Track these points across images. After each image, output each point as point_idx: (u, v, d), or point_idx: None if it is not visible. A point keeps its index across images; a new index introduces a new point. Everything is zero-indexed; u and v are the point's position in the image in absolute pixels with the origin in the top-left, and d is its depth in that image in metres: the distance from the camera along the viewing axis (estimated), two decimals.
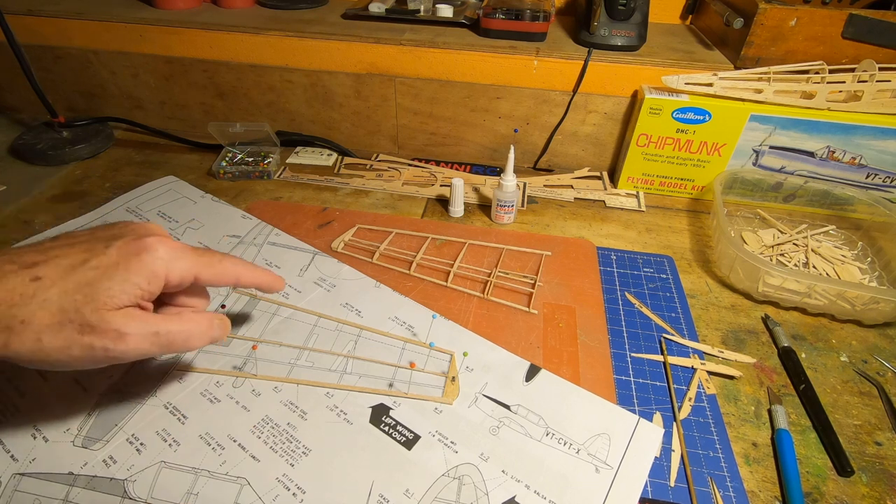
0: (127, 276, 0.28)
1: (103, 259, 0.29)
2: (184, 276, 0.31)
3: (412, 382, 0.41)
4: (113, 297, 0.28)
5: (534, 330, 0.46)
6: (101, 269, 0.28)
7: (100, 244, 0.29)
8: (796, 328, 0.49)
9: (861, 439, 0.40)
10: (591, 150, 0.70)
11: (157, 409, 0.38)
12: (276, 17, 0.72)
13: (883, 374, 0.45)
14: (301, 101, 0.72)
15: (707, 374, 0.44)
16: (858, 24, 0.58)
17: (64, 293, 0.27)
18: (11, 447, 0.35)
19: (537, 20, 0.65)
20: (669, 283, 0.53)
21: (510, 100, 0.67)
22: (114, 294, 0.28)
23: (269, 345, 0.43)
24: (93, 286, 0.27)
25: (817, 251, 0.56)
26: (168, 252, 0.30)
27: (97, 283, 0.28)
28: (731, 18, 0.60)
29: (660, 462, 0.37)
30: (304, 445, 0.36)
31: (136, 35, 0.70)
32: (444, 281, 0.51)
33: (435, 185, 0.67)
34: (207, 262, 0.32)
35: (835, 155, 0.61)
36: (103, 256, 0.29)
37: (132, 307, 0.29)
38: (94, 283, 0.27)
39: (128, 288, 0.28)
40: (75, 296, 0.27)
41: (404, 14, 0.71)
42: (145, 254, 0.29)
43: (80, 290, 0.27)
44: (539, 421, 0.38)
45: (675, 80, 0.59)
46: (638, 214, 0.64)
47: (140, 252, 0.29)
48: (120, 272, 0.28)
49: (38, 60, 0.73)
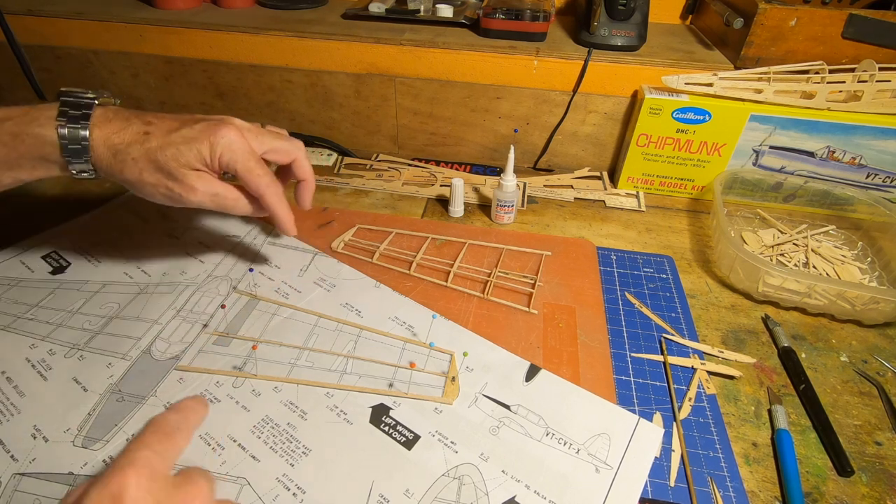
0: (199, 148, 0.37)
1: (188, 132, 0.37)
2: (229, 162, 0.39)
3: (412, 382, 0.41)
4: (189, 161, 0.37)
5: (534, 330, 0.46)
6: (185, 138, 0.37)
7: (191, 121, 0.38)
8: (796, 328, 0.49)
9: (861, 439, 0.40)
10: (591, 150, 0.70)
11: (157, 409, 0.38)
12: (276, 17, 0.72)
13: (883, 374, 0.45)
14: (301, 101, 0.72)
15: (707, 374, 0.44)
16: (858, 24, 0.58)
17: (160, 147, 0.37)
18: (11, 447, 0.35)
19: (537, 20, 0.65)
20: (669, 283, 0.53)
21: (510, 100, 0.67)
22: (188, 158, 0.37)
23: (269, 345, 0.43)
24: (178, 148, 0.37)
25: (817, 251, 0.56)
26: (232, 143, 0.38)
27: (181, 146, 0.37)
28: (731, 18, 0.60)
29: (660, 462, 0.37)
30: (304, 445, 0.36)
31: (136, 35, 0.70)
32: (444, 281, 0.51)
33: (435, 185, 0.67)
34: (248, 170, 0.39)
35: (835, 155, 0.61)
36: (189, 130, 0.38)
37: (204, 171, 0.38)
38: (179, 146, 0.37)
39: (193, 156, 0.37)
40: (167, 150, 0.37)
41: (404, 14, 0.71)
42: (214, 136, 0.38)
43: (169, 147, 0.37)
44: (539, 421, 0.38)
45: (675, 80, 0.59)
46: (638, 214, 0.64)
47: (213, 134, 0.38)
48: (195, 144, 0.37)
49: (38, 60, 0.73)
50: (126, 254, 0.52)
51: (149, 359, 0.42)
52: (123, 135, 0.37)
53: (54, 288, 0.48)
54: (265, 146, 0.41)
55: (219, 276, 0.50)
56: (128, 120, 0.38)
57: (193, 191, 0.38)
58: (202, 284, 0.49)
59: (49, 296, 0.47)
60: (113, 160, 0.37)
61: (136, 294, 0.48)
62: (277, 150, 0.42)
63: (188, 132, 0.37)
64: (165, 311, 0.46)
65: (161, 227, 0.56)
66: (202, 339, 0.44)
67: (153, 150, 0.36)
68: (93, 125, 0.36)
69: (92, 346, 0.42)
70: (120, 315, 0.45)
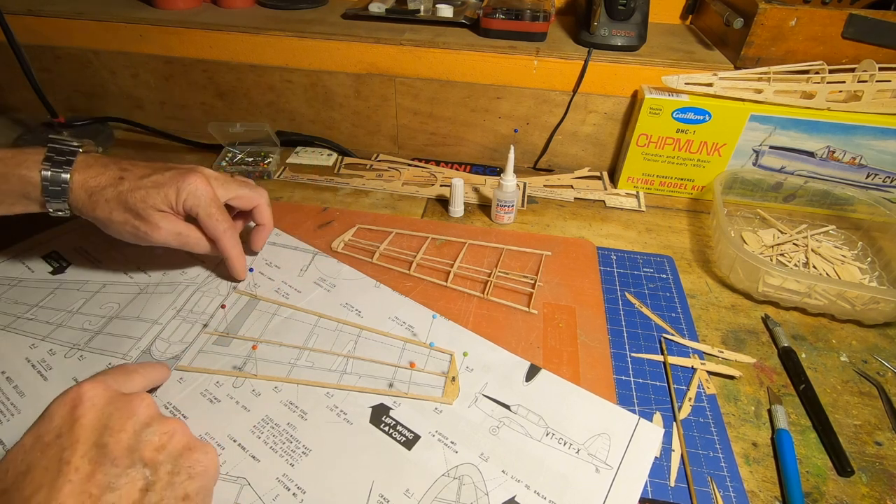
0: (165, 192, 0.41)
1: (158, 178, 0.41)
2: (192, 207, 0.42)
3: (412, 382, 0.41)
4: (155, 203, 0.41)
5: (534, 330, 0.46)
6: (154, 183, 0.41)
7: (163, 169, 0.42)
8: (796, 328, 0.49)
9: (861, 439, 0.40)
10: (591, 150, 0.70)
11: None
12: (276, 17, 0.72)
13: (883, 374, 0.45)
14: (301, 101, 0.72)
15: (707, 374, 0.44)
16: (858, 24, 0.58)
17: (130, 189, 0.40)
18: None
19: (537, 20, 0.65)
20: (669, 283, 0.53)
21: (510, 100, 0.67)
22: (155, 201, 0.41)
23: (269, 345, 0.43)
24: (147, 191, 0.41)
25: (817, 251, 0.56)
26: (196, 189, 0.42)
27: (150, 189, 0.41)
28: (731, 18, 0.60)
29: (660, 462, 0.37)
30: (304, 445, 0.36)
31: (136, 35, 0.70)
32: (444, 281, 0.51)
33: (435, 185, 0.67)
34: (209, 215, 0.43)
35: (835, 155, 0.61)
36: (159, 176, 0.42)
37: (170, 213, 0.42)
38: (148, 189, 0.41)
39: (160, 199, 0.41)
40: (136, 193, 0.40)
41: (404, 14, 0.71)
42: (182, 182, 0.41)
43: (139, 190, 0.41)
44: (539, 421, 0.38)
45: (675, 80, 0.59)
46: (638, 214, 0.64)
47: (180, 181, 0.41)
48: (163, 189, 0.41)
49: (38, 60, 0.73)
50: (126, 254, 0.52)
51: (149, 359, 0.42)
52: (100, 178, 0.41)
53: (54, 288, 0.48)
54: (230, 193, 0.45)
55: (219, 276, 0.50)
56: (106, 166, 0.42)
57: (158, 229, 0.42)
58: (202, 284, 0.49)
59: (49, 296, 0.47)
60: (87, 200, 0.41)
61: (136, 294, 0.48)
62: (241, 198, 0.46)
63: (158, 178, 0.41)
64: (165, 311, 0.46)
65: None
66: (202, 339, 0.44)
67: (124, 193, 0.40)
68: (74, 170, 0.40)
69: (92, 346, 0.42)
70: (120, 315, 0.45)
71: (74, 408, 0.27)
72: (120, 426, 0.28)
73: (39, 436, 0.27)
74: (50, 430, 0.27)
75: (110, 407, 0.28)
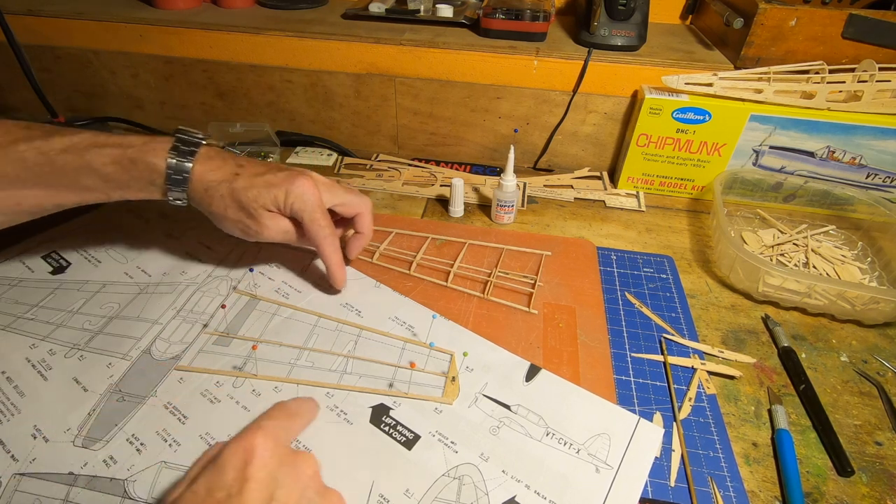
0: (275, 193, 0.42)
1: (271, 178, 0.42)
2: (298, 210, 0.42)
3: (412, 382, 0.41)
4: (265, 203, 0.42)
5: (534, 330, 0.46)
6: (266, 183, 0.42)
7: (276, 169, 0.43)
8: (796, 328, 0.49)
9: (861, 439, 0.40)
10: (591, 150, 0.70)
11: (157, 409, 0.38)
12: (276, 17, 0.72)
13: (883, 374, 0.45)
14: (301, 101, 0.72)
15: (707, 374, 0.44)
16: (858, 24, 0.58)
17: (244, 187, 0.41)
18: (11, 447, 0.35)
19: (537, 20, 0.65)
20: (669, 283, 0.53)
21: (510, 100, 0.67)
22: (265, 201, 0.42)
23: (269, 345, 0.43)
24: (259, 190, 0.41)
25: (817, 251, 0.56)
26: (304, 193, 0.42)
27: (262, 189, 0.41)
28: (731, 18, 0.60)
29: (660, 462, 0.37)
30: (304, 445, 0.36)
31: (136, 35, 0.70)
32: (444, 281, 0.51)
33: (435, 185, 0.67)
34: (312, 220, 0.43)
35: (835, 155, 0.61)
36: (272, 176, 0.42)
37: (277, 213, 0.43)
38: (260, 188, 0.41)
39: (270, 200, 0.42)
40: (249, 192, 0.41)
41: (404, 14, 0.71)
42: (291, 185, 0.42)
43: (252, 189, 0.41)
44: (539, 421, 0.38)
45: (675, 80, 0.59)
46: (638, 214, 0.64)
47: (290, 183, 0.42)
48: (273, 190, 0.42)
49: (38, 60, 0.73)
50: (126, 254, 0.52)
51: (149, 359, 0.42)
52: (217, 173, 0.42)
53: (54, 288, 0.48)
54: (336, 199, 0.45)
55: (219, 276, 0.50)
56: (224, 160, 0.43)
57: (267, 228, 0.43)
58: (202, 284, 0.49)
59: (49, 296, 0.47)
60: (204, 194, 0.42)
61: (136, 294, 0.47)
62: (346, 204, 0.46)
63: (271, 178, 0.42)
64: (165, 311, 0.46)
65: (161, 227, 0.56)
66: (202, 339, 0.44)
67: (238, 190, 0.41)
68: (196, 160, 0.41)
69: (92, 346, 0.42)
70: (120, 315, 0.45)
71: (246, 465, 0.27)
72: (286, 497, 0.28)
73: (211, 489, 0.27)
74: (222, 486, 0.27)
75: (279, 470, 0.28)
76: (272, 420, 0.31)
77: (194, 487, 0.27)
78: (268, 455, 0.28)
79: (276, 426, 0.31)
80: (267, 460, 0.28)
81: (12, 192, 0.39)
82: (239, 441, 0.29)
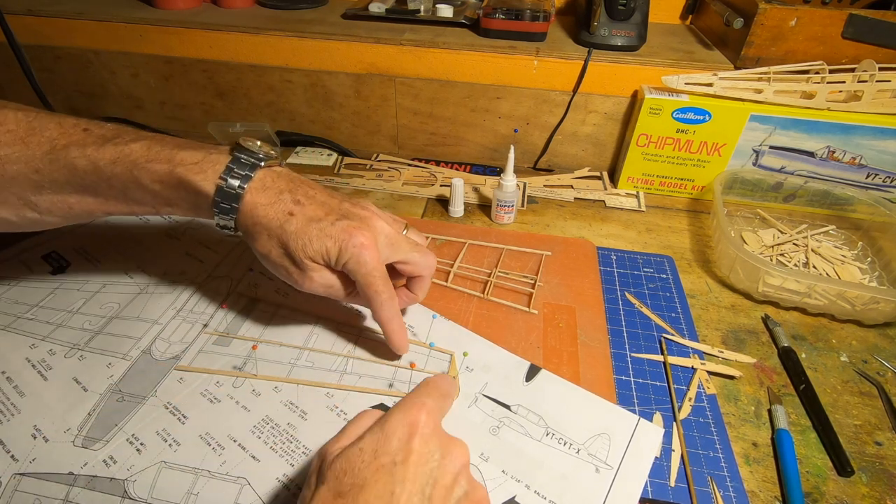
0: (328, 247, 0.37)
1: (327, 228, 0.37)
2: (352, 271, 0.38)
3: (412, 382, 0.41)
4: (313, 255, 0.38)
5: (534, 330, 0.46)
6: (320, 232, 0.37)
7: (335, 214, 0.38)
8: (796, 328, 0.49)
9: (861, 439, 0.40)
10: (591, 150, 0.70)
11: (157, 409, 0.38)
12: (276, 17, 0.72)
13: (883, 374, 0.45)
14: (301, 101, 0.72)
15: (707, 374, 0.44)
16: (858, 24, 0.58)
17: (295, 233, 0.37)
18: (11, 447, 0.35)
19: (537, 20, 0.65)
20: (669, 283, 0.53)
21: (510, 100, 0.67)
22: (314, 253, 0.37)
23: (269, 345, 0.43)
24: (310, 239, 0.37)
25: (817, 251, 0.56)
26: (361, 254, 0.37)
27: (313, 239, 0.37)
28: (731, 18, 0.60)
29: (660, 462, 0.37)
30: (304, 445, 0.36)
31: (136, 35, 0.70)
32: (444, 281, 0.51)
33: (435, 185, 0.67)
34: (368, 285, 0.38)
35: (835, 155, 0.61)
36: (329, 227, 0.37)
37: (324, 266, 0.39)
38: (312, 237, 0.37)
39: (320, 252, 0.37)
40: (299, 240, 0.37)
41: (404, 14, 0.71)
42: (347, 242, 0.37)
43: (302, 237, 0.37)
44: (539, 421, 0.38)
45: (675, 80, 0.59)
46: (638, 214, 0.64)
47: (346, 239, 0.37)
48: (326, 242, 0.37)
49: (38, 60, 0.73)
50: (126, 254, 0.52)
51: (149, 359, 0.42)
52: (269, 210, 0.38)
53: (54, 288, 0.48)
54: (398, 256, 0.41)
55: (219, 276, 0.50)
56: (280, 193, 0.38)
57: (310, 281, 0.39)
58: (202, 284, 0.49)
59: (49, 296, 0.47)
60: (251, 228, 0.38)
61: (136, 294, 0.48)
62: (408, 263, 0.42)
63: (327, 228, 0.37)
64: (165, 311, 0.46)
65: (161, 227, 0.56)
66: (202, 339, 0.44)
67: (287, 234, 0.37)
68: (248, 190, 0.37)
69: (92, 346, 0.42)
70: (120, 315, 0.45)
71: (411, 437, 0.28)
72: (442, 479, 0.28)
73: (377, 453, 0.28)
74: (388, 452, 0.28)
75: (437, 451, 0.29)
76: (431, 398, 0.31)
77: (361, 445, 0.28)
78: (428, 432, 0.29)
79: (434, 404, 0.31)
80: (428, 437, 0.29)
81: (63, 197, 0.38)
82: (405, 413, 0.29)
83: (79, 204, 0.38)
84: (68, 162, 0.36)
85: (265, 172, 0.38)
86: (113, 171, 0.36)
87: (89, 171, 0.37)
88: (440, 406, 0.32)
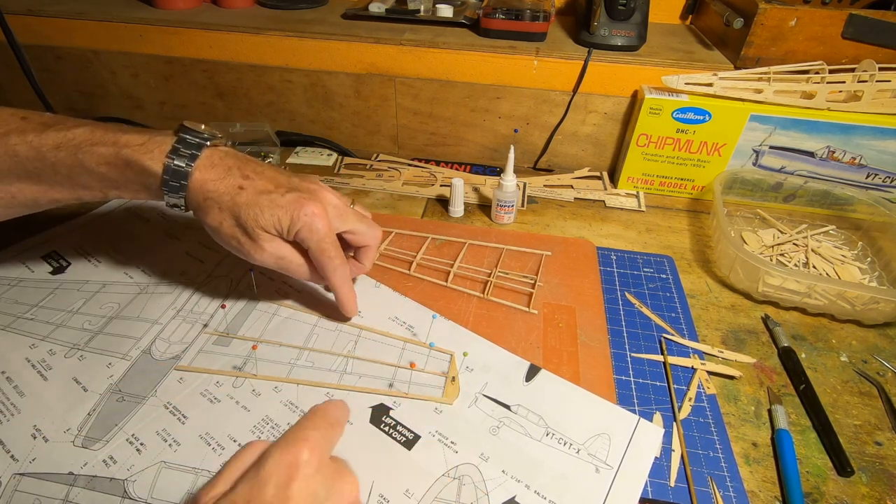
0: (279, 216, 0.38)
1: (277, 199, 0.38)
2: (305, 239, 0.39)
3: (412, 382, 0.41)
4: (265, 225, 0.38)
5: (534, 330, 0.46)
6: (271, 203, 0.38)
7: (284, 188, 0.39)
8: (796, 328, 0.49)
9: (861, 439, 0.40)
10: (591, 150, 0.70)
11: (157, 409, 0.38)
12: (276, 17, 0.72)
13: (883, 374, 0.45)
14: (301, 101, 0.72)
15: (707, 374, 0.44)
16: (858, 24, 0.58)
17: (246, 204, 0.38)
18: (11, 447, 0.35)
19: (537, 20, 0.65)
20: (669, 283, 0.53)
21: (510, 100, 0.67)
22: (266, 223, 0.38)
23: (269, 345, 0.43)
24: (261, 209, 0.38)
25: (817, 251, 0.56)
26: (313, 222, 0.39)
27: (264, 209, 0.38)
28: (731, 18, 0.60)
29: (660, 462, 0.37)
30: None
31: (136, 35, 0.70)
32: (444, 281, 0.51)
33: (435, 185, 0.67)
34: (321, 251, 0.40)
35: (835, 155, 0.61)
36: (279, 198, 0.38)
37: (277, 236, 0.39)
38: (263, 207, 0.38)
39: (271, 222, 0.38)
40: (250, 210, 0.38)
41: (404, 14, 0.71)
42: (299, 212, 0.38)
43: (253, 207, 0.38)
44: (539, 421, 0.38)
45: (675, 80, 0.59)
46: (638, 214, 0.64)
47: (297, 209, 0.38)
48: (277, 211, 0.38)
49: (38, 60, 0.73)
50: (126, 254, 0.52)
51: (149, 359, 0.42)
52: (219, 184, 0.38)
53: (54, 288, 0.48)
54: (346, 226, 0.42)
55: (219, 276, 0.50)
56: (228, 170, 0.39)
57: (262, 251, 0.39)
58: (202, 284, 0.49)
59: (49, 296, 0.47)
60: (202, 203, 0.39)
61: (136, 294, 0.48)
62: (355, 233, 0.43)
63: (277, 199, 0.38)
64: (165, 311, 0.46)
65: (161, 227, 0.56)
66: (202, 339, 0.44)
67: (239, 206, 0.38)
68: (196, 167, 0.38)
69: (92, 346, 0.42)
70: (120, 315, 0.45)
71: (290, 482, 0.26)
72: None
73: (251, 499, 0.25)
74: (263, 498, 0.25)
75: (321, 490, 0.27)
76: (316, 430, 0.29)
77: (233, 497, 0.26)
78: (311, 472, 0.27)
79: (321, 437, 0.29)
80: (311, 478, 0.27)
81: (5, 186, 0.38)
82: (284, 452, 0.27)
83: (22, 192, 0.39)
84: (9, 149, 0.37)
85: (212, 151, 0.39)
86: (57, 156, 0.37)
87: (31, 158, 0.37)
88: (328, 437, 0.30)
